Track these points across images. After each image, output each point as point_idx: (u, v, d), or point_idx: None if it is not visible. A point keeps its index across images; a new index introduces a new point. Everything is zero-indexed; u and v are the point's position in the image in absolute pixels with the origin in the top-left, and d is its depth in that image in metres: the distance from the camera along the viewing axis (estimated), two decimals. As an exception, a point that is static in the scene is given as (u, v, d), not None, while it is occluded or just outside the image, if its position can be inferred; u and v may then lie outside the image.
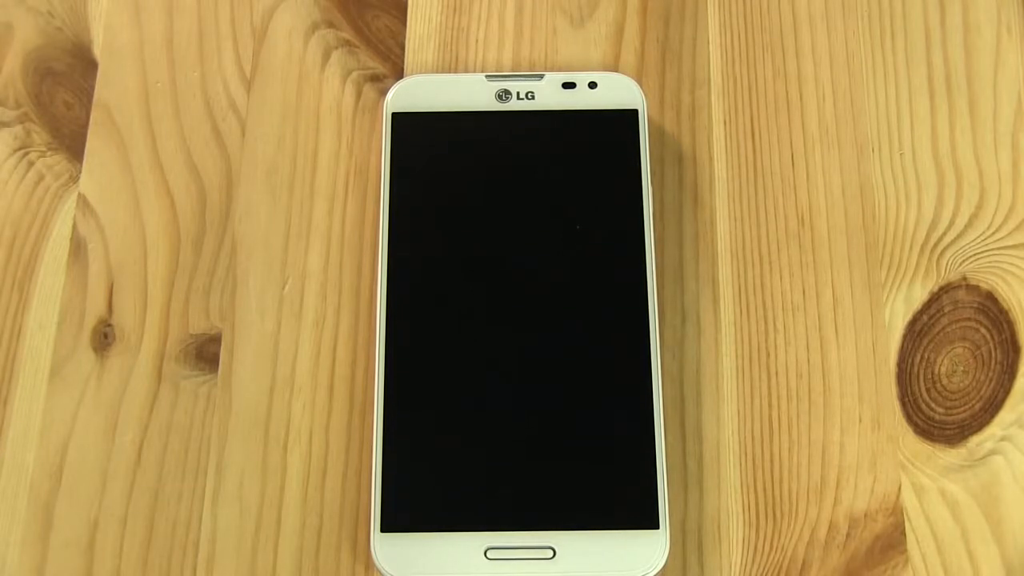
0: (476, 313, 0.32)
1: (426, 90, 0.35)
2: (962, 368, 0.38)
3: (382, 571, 0.30)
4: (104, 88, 0.41)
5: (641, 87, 0.36)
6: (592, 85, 0.35)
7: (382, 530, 0.30)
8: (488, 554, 0.30)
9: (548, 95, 0.34)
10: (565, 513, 0.30)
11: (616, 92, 0.35)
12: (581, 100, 0.34)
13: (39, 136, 0.41)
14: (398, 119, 0.34)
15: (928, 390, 0.37)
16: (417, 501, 0.30)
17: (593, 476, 0.31)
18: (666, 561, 0.32)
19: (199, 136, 0.41)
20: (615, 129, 0.34)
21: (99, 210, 0.39)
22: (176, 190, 0.40)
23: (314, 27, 0.42)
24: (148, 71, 0.42)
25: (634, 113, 0.35)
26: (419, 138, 0.34)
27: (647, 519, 0.31)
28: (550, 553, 0.30)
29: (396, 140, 0.34)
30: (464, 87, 0.34)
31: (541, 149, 0.34)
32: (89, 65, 0.42)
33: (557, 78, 0.35)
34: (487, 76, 0.35)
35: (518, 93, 0.34)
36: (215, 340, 0.38)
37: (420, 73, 0.38)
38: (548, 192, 0.33)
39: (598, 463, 0.31)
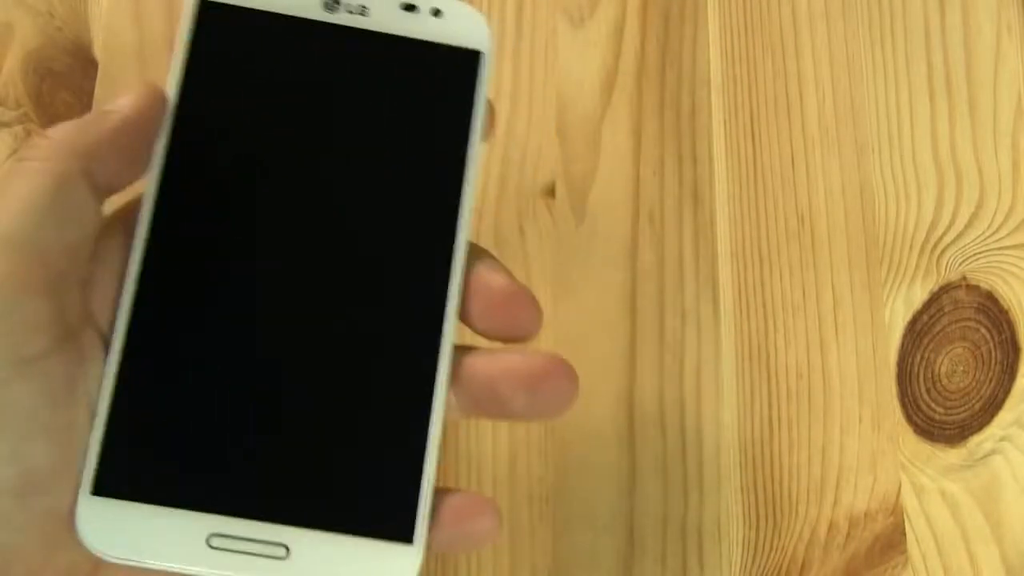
0: (246, 253, 0.28)
1: None
2: (962, 368, 0.38)
3: (83, 542, 0.25)
4: (104, 88, 0.41)
5: (490, 27, 0.30)
6: (436, 12, 0.29)
7: (92, 492, 0.25)
8: (211, 542, 0.25)
9: (383, 15, 0.29)
10: (308, 508, 0.26)
11: (462, 27, 0.29)
12: (420, 28, 0.29)
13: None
14: (205, 8, 0.29)
15: (928, 390, 0.37)
16: (142, 465, 0.26)
17: (348, 470, 0.27)
18: None
19: (199, 136, 0.41)
20: (451, 69, 0.29)
21: (99, 210, 0.39)
22: (176, 190, 0.40)
23: None
24: (148, 71, 0.42)
25: (476, 55, 0.29)
26: (224, 35, 0.29)
27: (400, 530, 0.26)
28: (282, 552, 0.26)
29: (197, 32, 0.29)
30: None
31: (360, 76, 0.29)
32: (89, 65, 0.42)
33: None
34: None
35: (349, 6, 0.29)
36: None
37: None
38: (356, 129, 0.29)
39: (355, 455, 0.27)
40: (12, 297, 0.23)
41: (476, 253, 0.27)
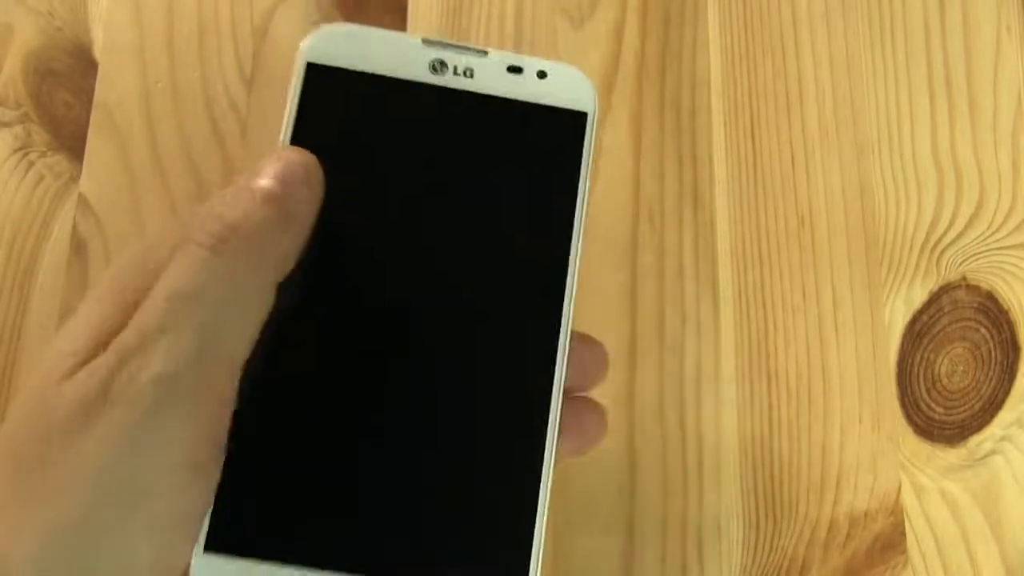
0: (356, 314, 0.28)
1: (351, 43, 0.30)
2: (962, 368, 0.38)
3: None
4: (104, 88, 0.41)
5: (595, 88, 0.31)
6: (541, 75, 0.29)
7: (205, 549, 0.25)
8: None
9: (490, 76, 0.29)
10: (416, 571, 0.26)
11: (567, 88, 0.30)
12: (525, 90, 0.30)
13: (39, 136, 0.41)
14: (313, 71, 0.29)
15: (928, 390, 0.37)
16: (255, 523, 0.26)
17: (457, 540, 0.27)
18: None
19: (199, 136, 0.41)
20: (557, 130, 0.29)
21: (99, 210, 0.39)
22: (176, 190, 0.40)
23: (314, 27, 0.42)
24: (148, 71, 0.42)
25: (582, 117, 0.29)
26: (334, 97, 0.29)
27: None
28: None
29: (307, 95, 0.29)
30: (396, 48, 0.30)
31: (467, 137, 0.29)
32: (89, 65, 0.42)
33: (503, 59, 0.30)
34: (424, 40, 0.30)
35: (456, 68, 0.29)
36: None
37: (347, 22, 0.33)
38: (463, 191, 0.29)
39: (466, 527, 0.27)
40: (209, 408, 0.24)
41: None
